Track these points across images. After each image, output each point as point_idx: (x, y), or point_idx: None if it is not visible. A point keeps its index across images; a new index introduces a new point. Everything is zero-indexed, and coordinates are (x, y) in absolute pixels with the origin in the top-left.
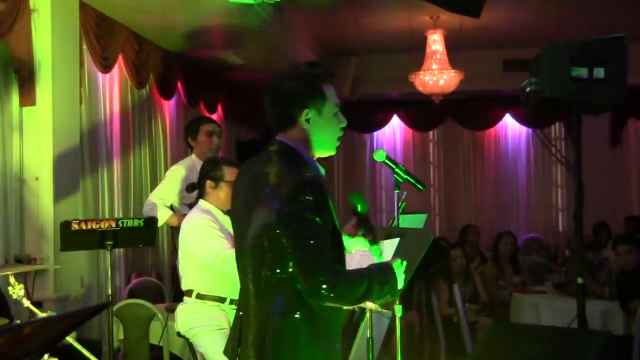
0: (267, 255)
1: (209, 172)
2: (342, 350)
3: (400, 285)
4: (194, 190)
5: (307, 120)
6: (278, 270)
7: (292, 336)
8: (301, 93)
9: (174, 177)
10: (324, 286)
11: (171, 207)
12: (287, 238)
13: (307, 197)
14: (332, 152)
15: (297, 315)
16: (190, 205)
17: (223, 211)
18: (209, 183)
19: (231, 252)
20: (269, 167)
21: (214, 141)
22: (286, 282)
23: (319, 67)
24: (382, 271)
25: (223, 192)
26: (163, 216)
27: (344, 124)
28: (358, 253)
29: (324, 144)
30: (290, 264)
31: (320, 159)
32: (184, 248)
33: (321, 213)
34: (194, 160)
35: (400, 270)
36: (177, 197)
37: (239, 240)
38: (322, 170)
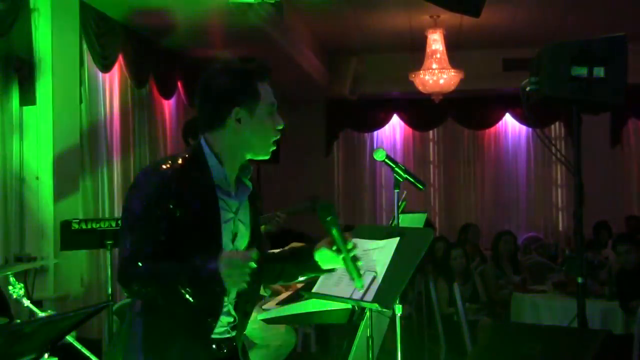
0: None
1: None
2: (341, 350)
3: (231, 285)
4: None
5: (238, 120)
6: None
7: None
8: (232, 90)
9: None
10: (119, 276)
11: None
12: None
13: (137, 186)
14: (266, 156)
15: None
16: None
17: None
18: None
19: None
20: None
21: None
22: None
23: (254, 63)
24: (193, 270)
25: None
26: None
27: (281, 126)
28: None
29: (255, 147)
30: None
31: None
32: None
33: (147, 202)
34: None
35: (228, 272)
36: None
37: None
38: (248, 183)
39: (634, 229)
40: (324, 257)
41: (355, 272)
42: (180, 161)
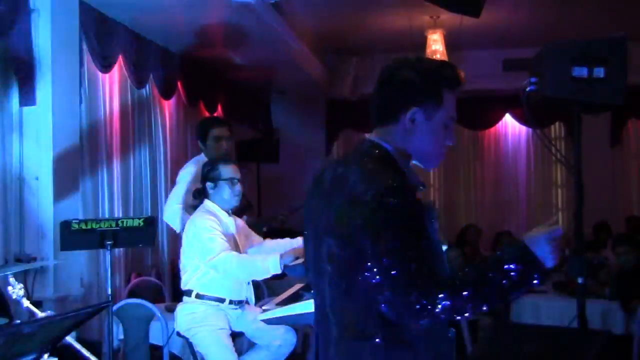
0: (344, 267)
1: (207, 175)
2: None
3: (548, 260)
4: (200, 195)
5: (412, 121)
6: (357, 285)
7: None
8: (417, 87)
9: (186, 177)
10: (417, 306)
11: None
12: (369, 247)
13: (394, 202)
14: (431, 167)
15: (377, 341)
16: (195, 207)
17: (228, 211)
18: (208, 184)
19: (229, 254)
20: (354, 170)
21: (222, 146)
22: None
23: (448, 69)
24: (507, 261)
25: (225, 191)
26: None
27: (451, 143)
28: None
29: (422, 154)
30: (372, 277)
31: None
32: (186, 248)
33: (411, 220)
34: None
35: (542, 247)
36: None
37: (315, 247)
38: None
39: (634, 229)
40: None
41: None
42: (391, 173)
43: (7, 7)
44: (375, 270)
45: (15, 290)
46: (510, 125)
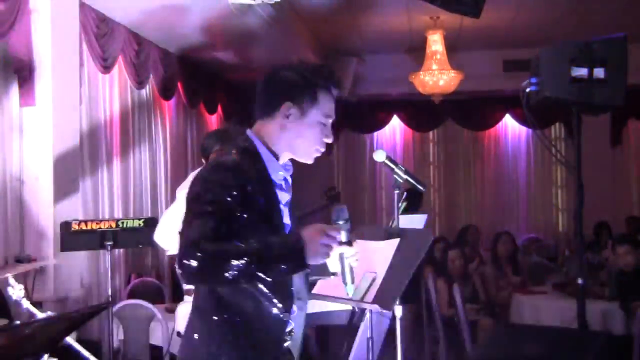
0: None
1: None
2: (341, 350)
3: (312, 260)
4: None
5: (287, 116)
6: None
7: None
8: (292, 85)
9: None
10: (184, 261)
11: None
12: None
13: (204, 178)
14: (307, 160)
15: (215, 318)
16: None
17: None
18: None
19: None
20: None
21: None
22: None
23: (326, 72)
24: (275, 244)
25: None
26: None
27: (329, 140)
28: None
29: (296, 148)
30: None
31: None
32: None
33: (218, 190)
34: None
35: (311, 240)
36: None
37: None
38: (288, 177)
39: (634, 229)
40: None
41: (349, 277)
42: (235, 154)
43: (7, 7)
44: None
45: (15, 290)
46: (510, 126)
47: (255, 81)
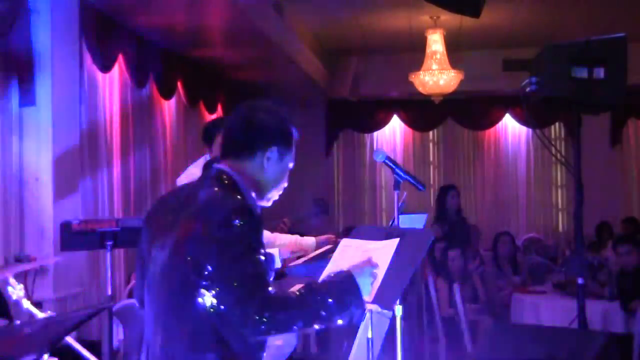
0: (182, 283)
1: None
2: (342, 351)
3: (365, 293)
4: None
5: (268, 159)
6: (194, 301)
7: None
8: (277, 129)
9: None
10: (256, 317)
11: None
12: (214, 264)
13: (241, 223)
14: (266, 204)
15: (210, 356)
16: None
17: None
18: None
19: None
20: (202, 193)
21: None
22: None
23: (291, 118)
24: (337, 284)
25: None
26: None
27: (286, 184)
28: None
29: (268, 189)
30: (211, 293)
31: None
32: None
33: (255, 240)
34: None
35: (363, 279)
36: None
37: (146, 266)
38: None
39: (631, 230)
40: None
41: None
42: (236, 196)
43: (7, 7)
44: (213, 284)
45: (15, 290)
46: (510, 126)
47: (256, 81)
